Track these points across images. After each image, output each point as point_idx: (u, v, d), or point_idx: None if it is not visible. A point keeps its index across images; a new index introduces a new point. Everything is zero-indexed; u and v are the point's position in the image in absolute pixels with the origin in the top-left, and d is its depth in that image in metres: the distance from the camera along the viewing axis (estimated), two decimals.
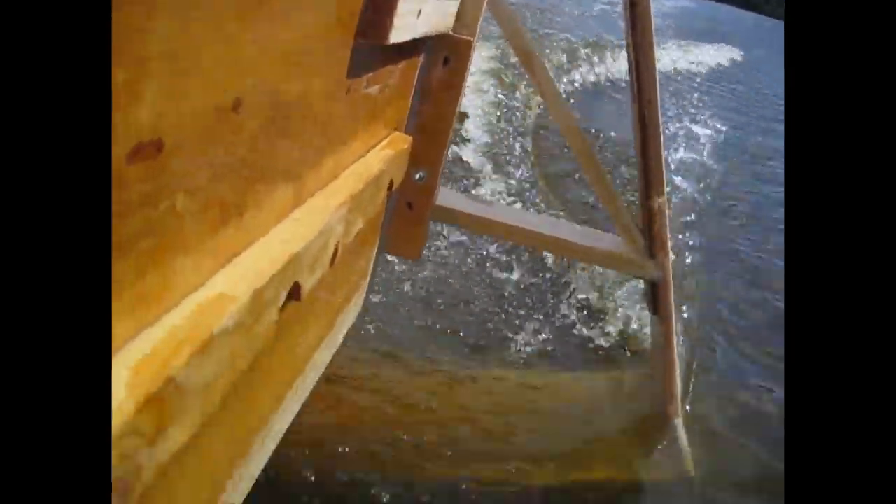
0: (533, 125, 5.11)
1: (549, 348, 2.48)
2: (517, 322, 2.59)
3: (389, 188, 1.44)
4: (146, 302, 0.55)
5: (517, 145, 4.52)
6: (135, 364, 0.52)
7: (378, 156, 1.35)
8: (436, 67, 1.69)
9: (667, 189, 1.98)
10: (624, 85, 7.65)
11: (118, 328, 0.52)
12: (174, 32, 0.48)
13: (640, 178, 1.98)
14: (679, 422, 2.16)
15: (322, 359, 1.36)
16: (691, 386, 2.41)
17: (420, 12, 1.21)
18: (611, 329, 2.64)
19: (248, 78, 0.64)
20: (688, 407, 2.25)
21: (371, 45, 1.05)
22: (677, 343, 2.09)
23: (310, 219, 0.91)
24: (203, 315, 0.60)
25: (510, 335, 2.50)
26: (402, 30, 1.08)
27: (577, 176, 4.11)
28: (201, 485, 0.80)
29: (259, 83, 0.66)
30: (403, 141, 1.54)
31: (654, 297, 2.02)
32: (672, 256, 1.99)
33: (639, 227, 1.97)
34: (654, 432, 2.19)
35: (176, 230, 0.58)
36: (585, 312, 2.72)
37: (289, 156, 0.84)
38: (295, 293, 0.83)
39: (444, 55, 1.69)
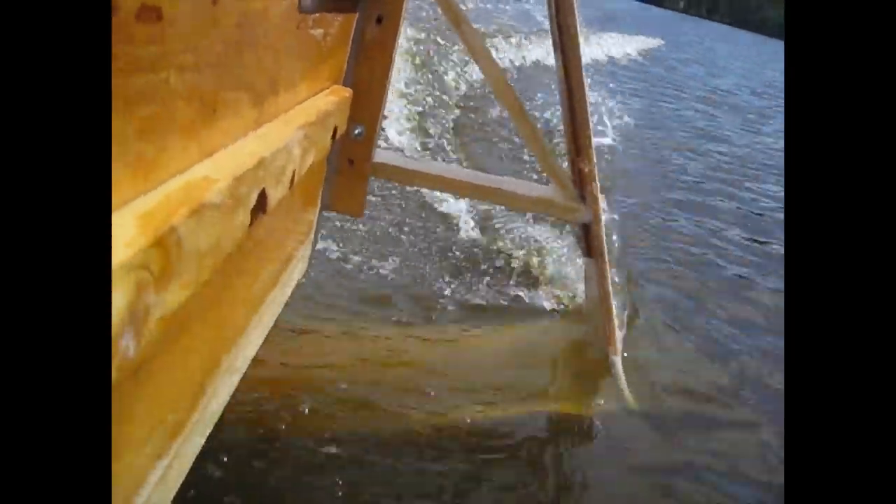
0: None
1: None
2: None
3: (334, 136, 1.50)
4: (144, 164, 0.61)
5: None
6: (142, 213, 0.58)
7: (324, 100, 1.42)
8: (369, 25, 1.75)
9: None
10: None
11: (124, 182, 0.58)
12: None
13: (569, 144, 2.07)
14: (617, 359, 2.24)
15: (278, 299, 1.42)
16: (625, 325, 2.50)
17: None
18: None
19: None
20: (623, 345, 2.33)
21: None
22: (611, 283, 2.17)
23: (272, 135, 0.97)
24: (193, 188, 0.67)
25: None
26: None
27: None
28: (183, 383, 0.85)
29: None
30: (344, 91, 1.61)
31: (587, 239, 2.10)
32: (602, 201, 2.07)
33: (569, 176, 2.05)
34: (597, 371, 2.27)
35: (169, 104, 0.64)
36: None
37: (253, 68, 0.90)
38: (262, 203, 0.88)
39: (377, 13, 1.75)
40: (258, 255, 1.16)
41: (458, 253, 2.85)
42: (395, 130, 3.96)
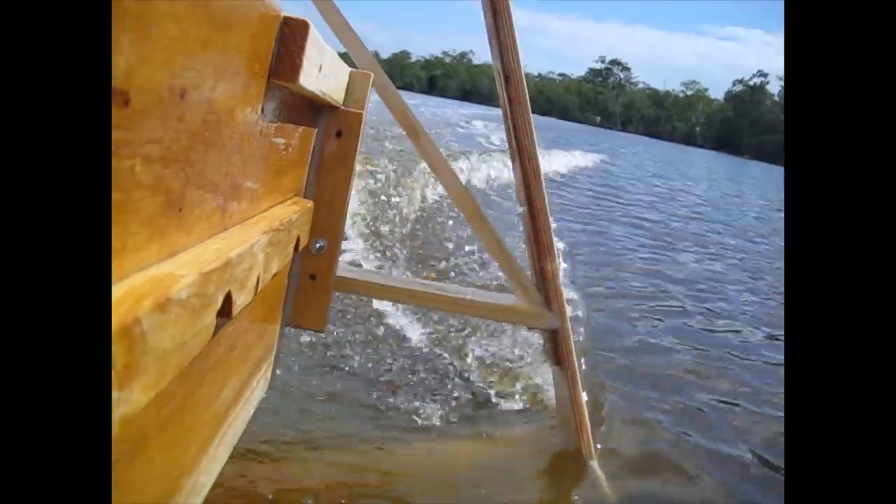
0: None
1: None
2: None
3: (296, 248, 1.44)
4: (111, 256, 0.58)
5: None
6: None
7: (287, 209, 1.38)
8: (329, 140, 1.73)
9: None
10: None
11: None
12: (150, 14, 0.57)
13: (530, 247, 2.02)
14: (594, 463, 2.13)
15: (241, 416, 1.34)
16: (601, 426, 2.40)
17: (321, 68, 1.28)
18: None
19: (191, 72, 0.71)
20: (598, 445, 2.23)
21: (281, 92, 1.13)
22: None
23: (237, 237, 0.95)
24: (159, 282, 0.64)
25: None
26: (307, 76, 1.14)
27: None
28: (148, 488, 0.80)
29: (197, 81, 0.73)
30: (306, 203, 1.57)
31: (555, 347, 2.03)
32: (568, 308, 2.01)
33: (533, 282, 2.00)
34: (573, 474, 2.15)
35: (134, 195, 0.62)
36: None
37: (217, 169, 0.88)
38: (227, 307, 0.84)
39: (336, 128, 1.72)
40: (222, 366, 1.11)
41: (418, 364, 2.74)
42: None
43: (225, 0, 0.80)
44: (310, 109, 1.55)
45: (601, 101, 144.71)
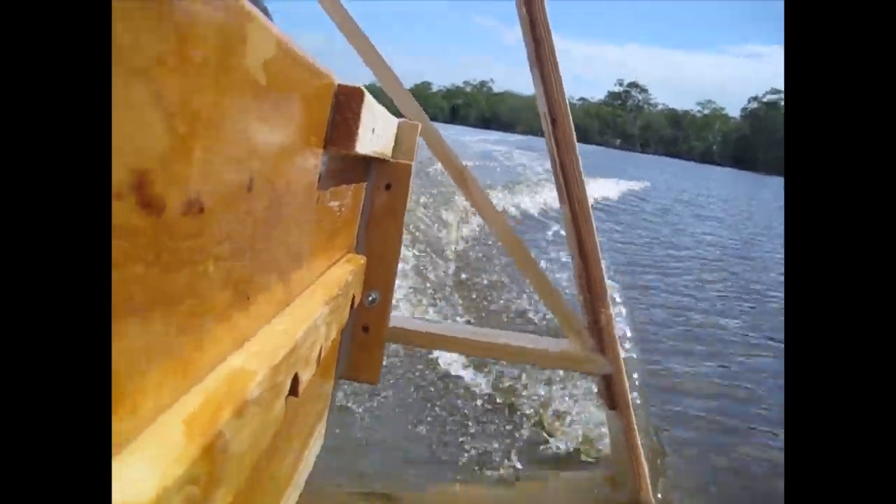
0: None
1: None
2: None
3: (352, 305, 1.41)
4: (184, 362, 0.57)
5: None
6: (188, 417, 0.53)
7: (342, 269, 1.35)
8: (378, 192, 1.68)
9: None
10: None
11: (166, 383, 0.53)
12: (214, 120, 0.55)
13: (581, 291, 1.95)
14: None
15: (300, 479, 1.32)
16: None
17: (374, 130, 1.25)
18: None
19: (256, 162, 0.69)
20: (659, 495, 2.13)
21: (335, 156, 1.10)
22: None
23: (301, 314, 0.92)
24: (234, 384, 0.63)
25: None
26: (364, 141, 1.11)
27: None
28: None
29: (263, 169, 0.72)
30: (359, 259, 1.54)
31: (609, 391, 1.95)
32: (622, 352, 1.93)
33: (585, 326, 1.93)
34: None
35: (207, 297, 0.61)
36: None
37: (280, 248, 0.87)
38: (294, 387, 0.83)
39: (385, 181, 1.68)
40: (285, 437, 1.10)
41: (471, 410, 2.66)
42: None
43: (285, 79, 0.77)
44: (360, 164, 1.52)
45: (620, 123, 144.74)
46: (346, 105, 1.06)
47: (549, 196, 10.07)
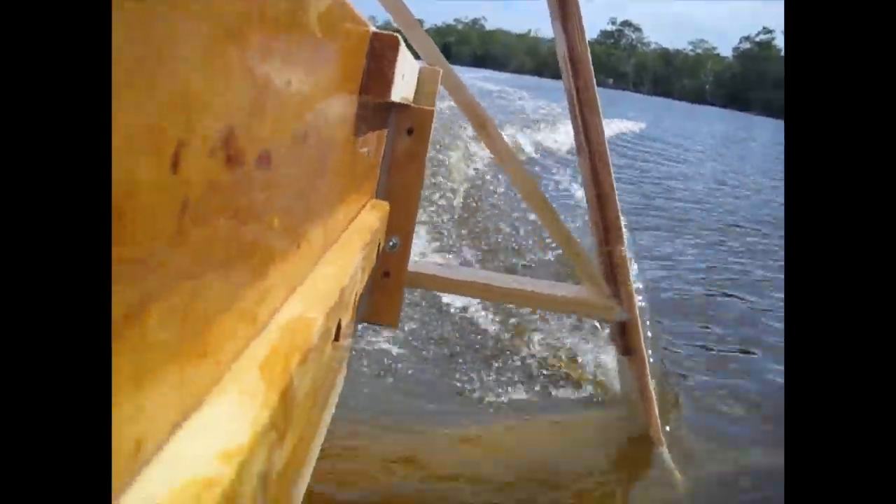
0: None
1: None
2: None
3: (377, 253, 1.41)
4: (251, 312, 0.57)
5: None
6: (262, 363, 0.53)
7: (371, 215, 1.35)
8: (400, 137, 1.66)
9: None
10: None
11: (238, 330, 0.53)
12: (281, 84, 0.57)
13: (597, 230, 1.94)
14: (664, 450, 2.07)
15: (327, 419, 1.31)
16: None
17: (404, 76, 1.24)
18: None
19: (310, 114, 0.70)
20: (667, 427, 2.16)
21: (367, 105, 1.09)
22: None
23: (342, 262, 0.93)
24: (297, 332, 0.63)
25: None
26: (397, 88, 1.11)
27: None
28: None
29: (315, 120, 0.72)
30: (383, 206, 1.53)
31: (623, 337, 1.96)
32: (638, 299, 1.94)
33: (602, 273, 1.92)
34: (643, 462, 2.10)
35: (270, 248, 0.61)
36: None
37: (325, 196, 0.88)
38: (337, 334, 0.83)
39: (407, 126, 1.66)
40: (322, 381, 1.10)
41: (485, 348, 2.67)
42: None
43: (334, 30, 0.76)
44: (384, 110, 1.50)
45: (613, 62, 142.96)
46: (382, 53, 1.05)
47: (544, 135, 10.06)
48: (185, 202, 0.39)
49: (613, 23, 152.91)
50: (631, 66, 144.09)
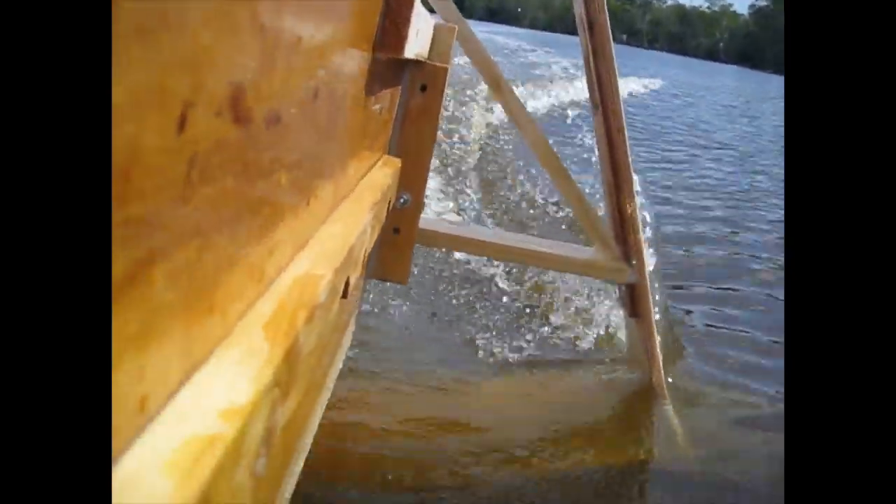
0: None
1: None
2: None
3: (388, 209, 1.39)
4: (259, 268, 0.57)
5: None
6: (267, 321, 0.54)
7: (381, 172, 1.34)
8: (414, 94, 1.65)
9: None
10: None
11: (247, 287, 0.54)
12: (291, 42, 0.56)
13: (608, 186, 1.92)
14: (669, 407, 2.08)
15: (335, 374, 1.34)
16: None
17: (418, 32, 1.23)
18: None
19: (321, 71, 0.68)
20: (670, 379, 2.17)
21: (380, 62, 1.07)
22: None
23: (351, 218, 0.92)
24: (304, 288, 0.63)
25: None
26: (410, 45, 1.10)
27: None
28: (277, 466, 0.80)
29: (326, 77, 0.71)
30: (395, 163, 1.52)
31: (632, 299, 1.95)
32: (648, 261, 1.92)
33: (612, 235, 1.91)
34: (647, 418, 2.12)
35: (279, 205, 0.61)
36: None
37: (335, 153, 0.87)
38: (345, 290, 0.83)
39: (421, 82, 1.64)
40: (332, 335, 1.13)
41: (493, 303, 2.67)
42: None
43: None
44: (397, 66, 1.47)
45: (628, 19, 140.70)
46: (396, 10, 1.03)
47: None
48: (191, 161, 0.39)
49: None
50: (646, 22, 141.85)
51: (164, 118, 0.35)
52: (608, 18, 1.81)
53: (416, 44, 1.23)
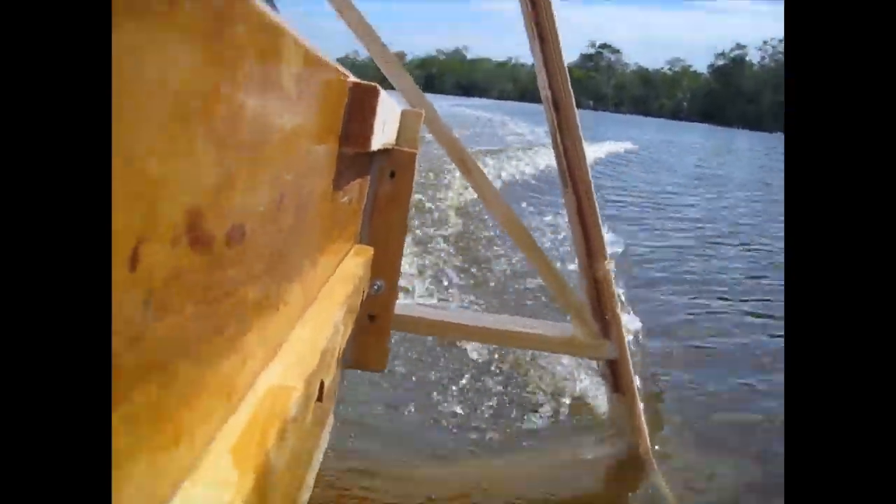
0: None
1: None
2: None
3: (361, 299, 1.36)
4: (228, 385, 0.55)
5: None
6: (236, 444, 0.51)
7: (353, 263, 1.32)
8: (383, 181, 1.63)
9: None
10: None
11: (216, 410, 0.52)
12: (252, 153, 0.53)
13: (580, 248, 1.90)
14: (659, 475, 2.01)
15: (313, 477, 1.26)
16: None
17: (385, 124, 1.21)
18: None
19: (286, 175, 0.66)
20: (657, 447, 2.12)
21: (347, 155, 1.05)
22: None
23: (323, 317, 0.90)
24: (276, 402, 0.60)
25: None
26: (376, 138, 1.07)
27: None
28: None
29: (291, 181, 0.69)
30: (367, 251, 1.49)
31: (614, 376, 1.91)
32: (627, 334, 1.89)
33: (590, 310, 1.87)
34: (637, 489, 2.06)
35: (247, 318, 0.59)
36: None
37: (302, 253, 0.84)
38: (320, 394, 0.80)
39: (390, 169, 1.62)
40: (305, 440, 1.06)
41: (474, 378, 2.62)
42: None
43: (310, 87, 0.72)
44: (366, 155, 1.46)
45: (593, 85, 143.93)
46: (361, 105, 1.01)
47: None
48: (146, 298, 0.37)
49: (593, 45, 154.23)
50: (611, 87, 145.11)
51: (113, 258, 0.33)
52: (572, 95, 1.82)
53: (383, 136, 1.22)
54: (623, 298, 2.11)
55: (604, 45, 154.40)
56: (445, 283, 3.83)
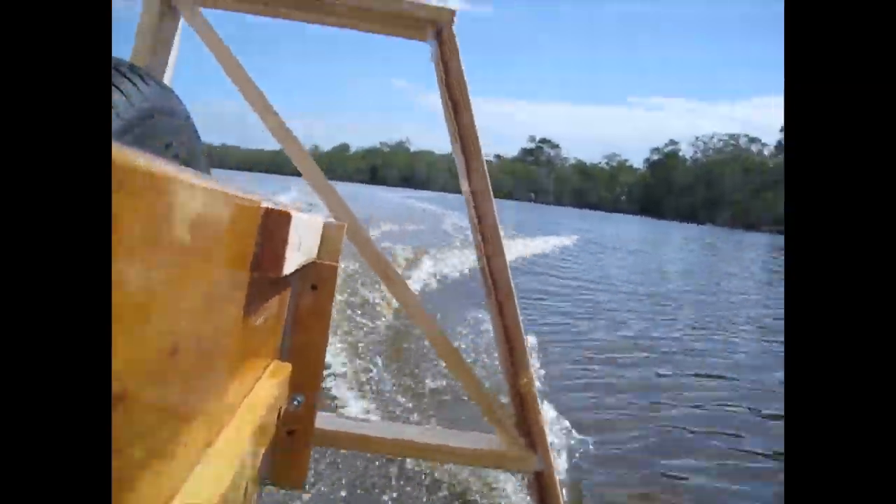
0: None
1: None
2: None
3: (278, 416, 1.31)
4: None
5: None
6: None
7: (268, 384, 1.26)
8: (304, 294, 1.60)
9: None
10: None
11: None
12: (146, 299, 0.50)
13: (503, 358, 1.88)
14: None
15: None
16: None
17: (300, 245, 1.18)
18: None
19: (183, 322, 0.63)
20: None
21: (261, 279, 1.01)
22: None
23: (226, 457, 0.85)
24: None
25: None
26: (290, 262, 1.05)
27: None
28: None
29: (189, 326, 0.66)
30: (285, 369, 1.44)
31: (541, 488, 1.87)
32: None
33: (514, 423, 1.85)
34: None
35: (139, 473, 0.56)
36: None
37: (208, 388, 0.81)
38: None
39: (311, 282, 1.60)
40: None
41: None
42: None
43: (213, 222, 0.69)
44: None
45: (534, 178, 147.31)
46: (272, 232, 0.99)
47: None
48: None
49: (533, 140, 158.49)
50: (551, 181, 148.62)
51: None
52: (490, 186, 1.84)
53: (299, 256, 1.19)
54: None
55: (543, 140, 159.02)
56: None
